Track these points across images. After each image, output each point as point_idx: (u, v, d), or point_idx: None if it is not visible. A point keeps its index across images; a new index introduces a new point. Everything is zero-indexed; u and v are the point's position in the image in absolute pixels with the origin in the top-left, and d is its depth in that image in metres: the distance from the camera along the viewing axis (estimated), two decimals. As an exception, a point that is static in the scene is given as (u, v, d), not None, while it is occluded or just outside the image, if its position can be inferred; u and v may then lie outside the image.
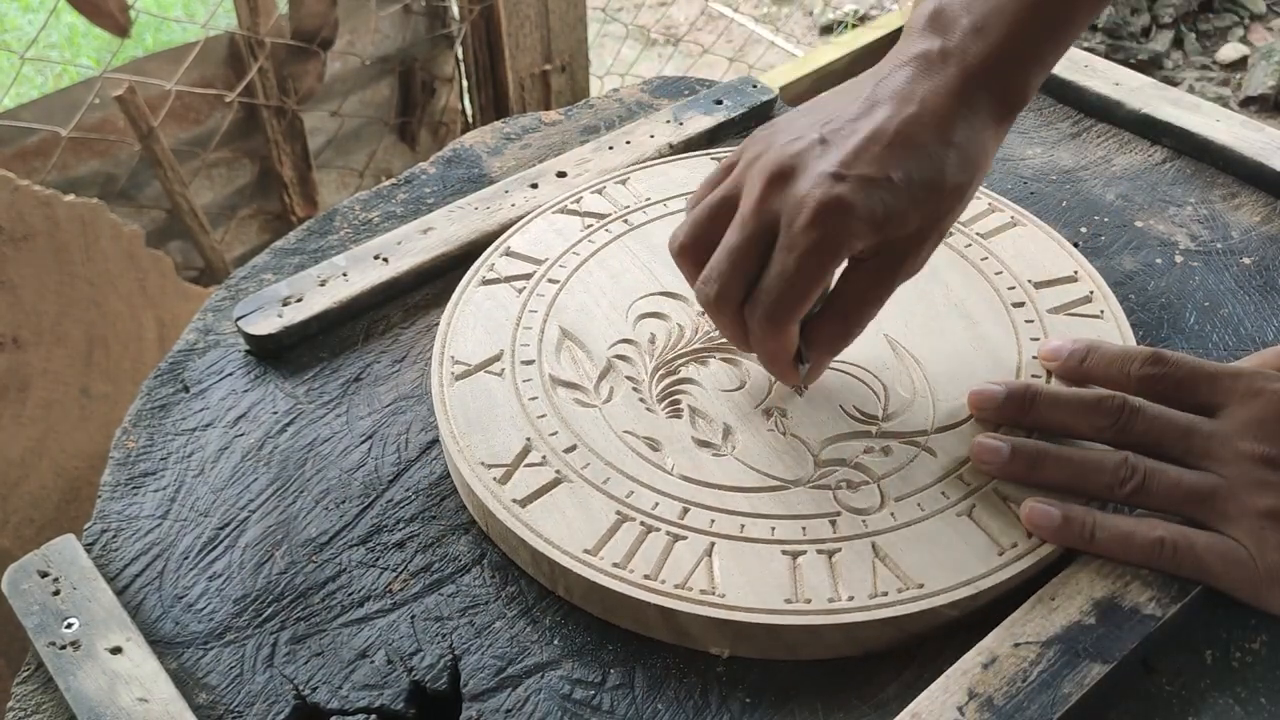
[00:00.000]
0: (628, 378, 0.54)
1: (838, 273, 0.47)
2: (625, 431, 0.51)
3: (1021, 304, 0.57)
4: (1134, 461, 0.47)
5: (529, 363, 0.55)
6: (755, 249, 0.46)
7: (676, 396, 0.53)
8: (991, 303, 0.57)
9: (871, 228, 0.44)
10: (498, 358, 0.55)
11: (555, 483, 0.49)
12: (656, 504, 0.48)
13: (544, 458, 0.50)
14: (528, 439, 0.51)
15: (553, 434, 0.51)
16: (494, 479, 0.49)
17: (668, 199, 0.65)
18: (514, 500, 0.49)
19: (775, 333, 0.46)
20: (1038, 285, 0.58)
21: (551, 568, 0.47)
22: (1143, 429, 0.47)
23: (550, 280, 0.59)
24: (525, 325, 0.57)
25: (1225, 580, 0.45)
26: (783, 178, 0.45)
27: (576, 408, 0.53)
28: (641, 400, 0.53)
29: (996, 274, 0.59)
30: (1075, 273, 0.59)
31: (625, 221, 0.63)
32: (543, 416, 0.52)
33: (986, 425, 0.51)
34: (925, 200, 0.45)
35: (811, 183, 0.44)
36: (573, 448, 0.51)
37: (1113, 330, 0.55)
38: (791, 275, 0.44)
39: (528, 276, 0.60)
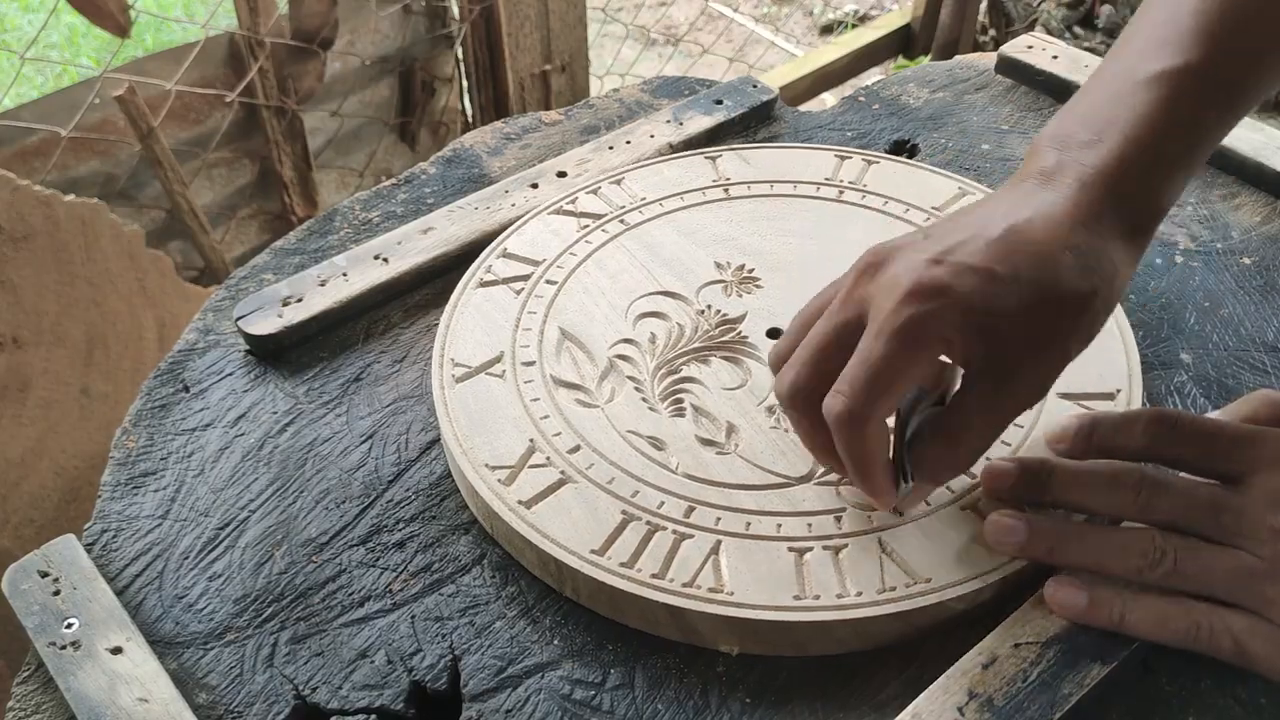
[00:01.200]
0: (629, 378, 0.54)
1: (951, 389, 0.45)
2: (629, 431, 0.52)
3: None
4: (1161, 543, 0.43)
5: (530, 364, 0.55)
6: (840, 337, 0.43)
7: (679, 395, 0.53)
8: None
9: (968, 316, 0.40)
10: (498, 359, 0.55)
11: (560, 483, 0.49)
12: (662, 503, 0.48)
13: (548, 459, 0.50)
14: (531, 440, 0.51)
15: (556, 435, 0.51)
16: (498, 481, 0.49)
17: (663, 198, 0.65)
18: (519, 502, 0.49)
19: (855, 429, 0.42)
20: None
21: (559, 568, 0.47)
22: (1167, 506, 0.44)
23: (548, 281, 0.59)
24: (524, 326, 0.57)
25: (1266, 664, 0.42)
26: (877, 266, 0.43)
27: (579, 408, 0.53)
28: (644, 400, 0.53)
29: None
30: None
31: (621, 221, 0.63)
32: (546, 417, 0.52)
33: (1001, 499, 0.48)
34: (1035, 304, 0.41)
35: (906, 266, 0.41)
36: (576, 448, 0.51)
37: (1111, 330, 0.55)
38: (875, 360, 0.41)
39: (525, 278, 0.60)
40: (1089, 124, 0.44)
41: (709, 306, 0.58)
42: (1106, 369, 0.53)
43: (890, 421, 0.44)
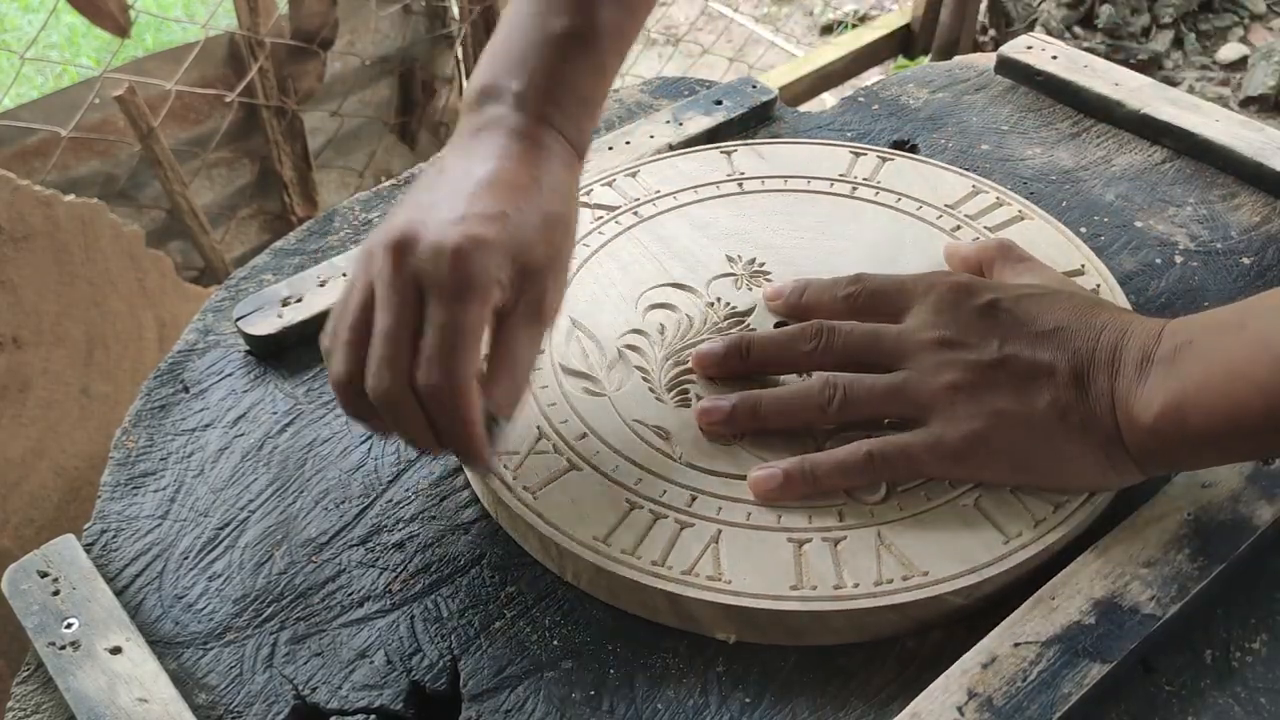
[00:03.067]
0: (637, 367, 0.54)
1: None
2: (634, 420, 0.52)
3: None
4: (833, 379, 0.50)
5: (539, 352, 0.55)
6: (411, 319, 0.44)
7: (685, 386, 0.53)
8: None
9: (508, 257, 0.44)
10: None
11: (565, 470, 0.50)
12: (665, 491, 0.49)
13: (554, 446, 0.51)
14: (538, 427, 0.52)
15: (563, 422, 0.52)
16: (505, 466, 0.50)
17: (677, 191, 0.65)
18: (525, 488, 0.49)
19: (457, 394, 0.43)
20: None
21: (560, 554, 0.47)
22: (840, 345, 0.51)
23: None
24: None
25: (935, 471, 0.48)
26: (407, 244, 0.44)
27: (586, 397, 0.53)
28: (651, 390, 0.53)
29: None
30: (1083, 266, 0.59)
31: (635, 214, 0.63)
32: (553, 405, 0.53)
33: (714, 386, 0.53)
34: (542, 228, 0.46)
35: (439, 232, 0.44)
36: (583, 436, 0.51)
37: None
38: (455, 323, 0.43)
39: None
40: (513, 75, 0.50)
41: (719, 299, 0.58)
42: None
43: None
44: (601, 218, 0.63)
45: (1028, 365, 0.47)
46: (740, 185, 0.66)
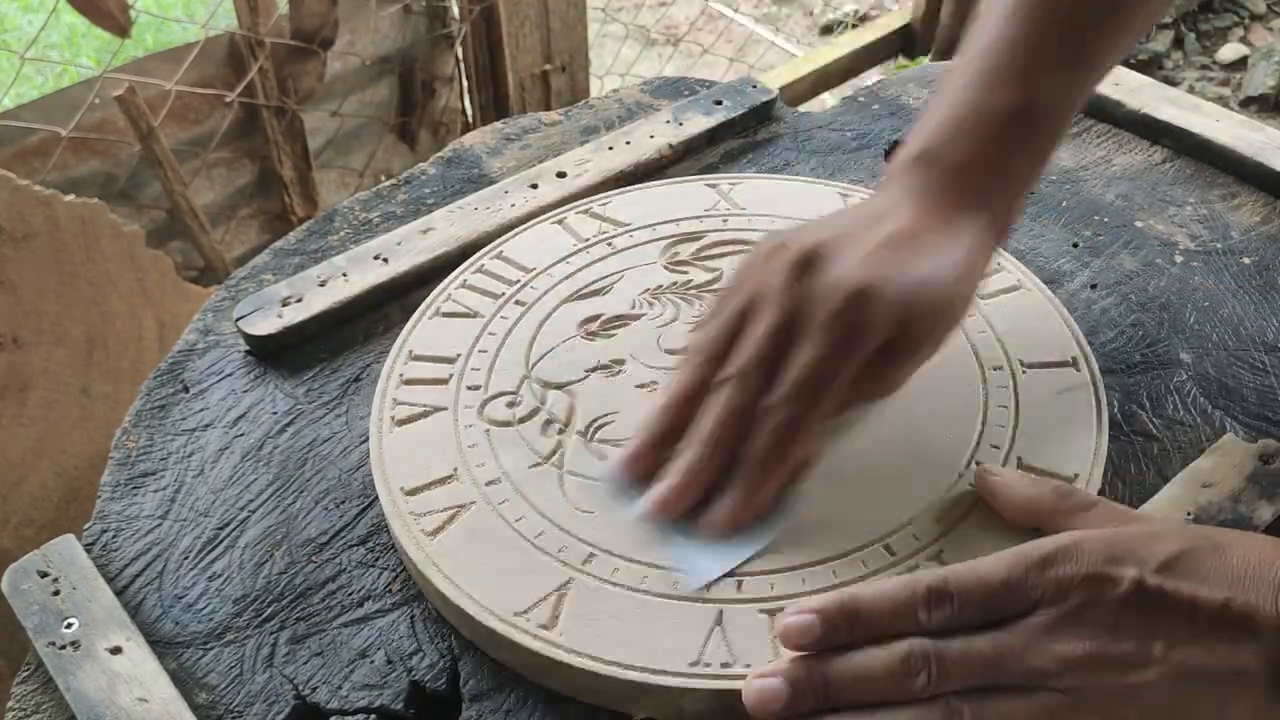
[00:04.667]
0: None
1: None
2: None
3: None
4: (957, 705, 0.37)
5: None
6: (784, 334, 0.45)
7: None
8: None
9: (898, 315, 0.44)
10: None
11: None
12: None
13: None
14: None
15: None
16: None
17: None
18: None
19: (797, 432, 0.44)
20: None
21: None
22: (958, 674, 0.38)
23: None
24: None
25: None
26: (810, 264, 0.45)
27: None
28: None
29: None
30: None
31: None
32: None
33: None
34: (936, 301, 0.46)
35: (843, 265, 0.45)
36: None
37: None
38: (822, 360, 0.44)
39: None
40: (947, 146, 0.49)
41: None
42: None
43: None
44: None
45: (1202, 673, 0.36)
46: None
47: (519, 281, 0.60)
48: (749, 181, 0.67)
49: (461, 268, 0.61)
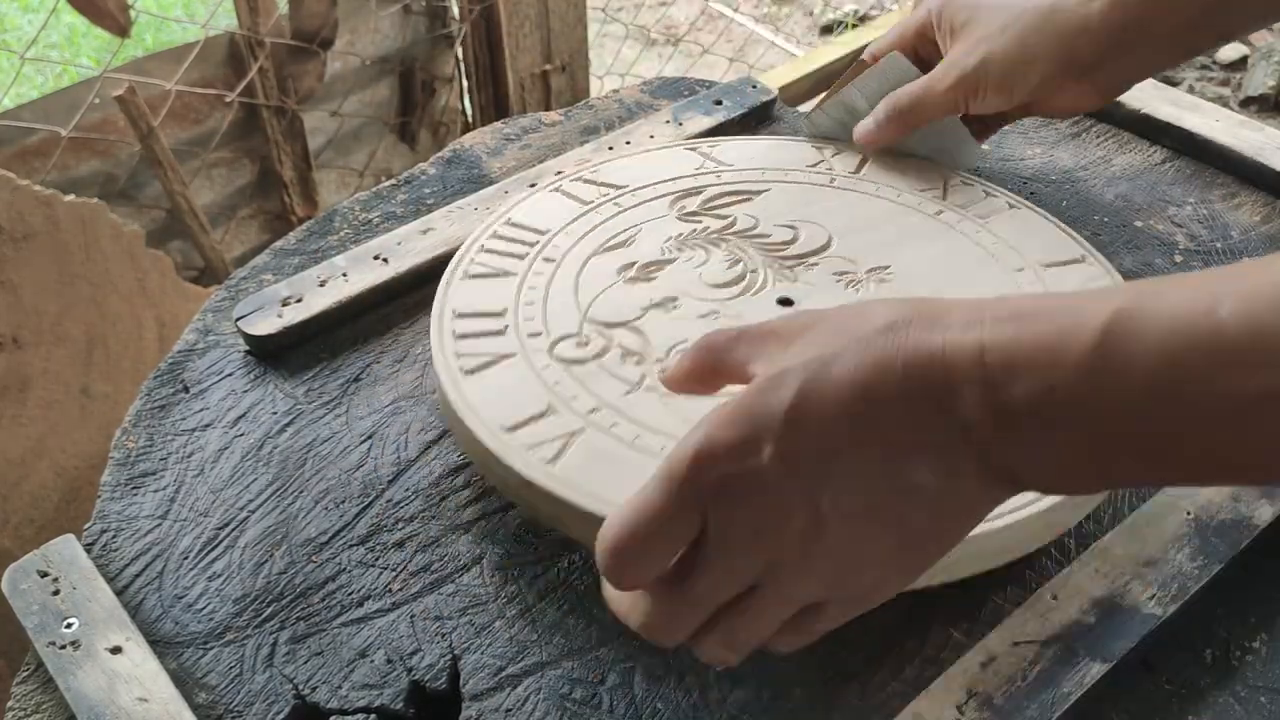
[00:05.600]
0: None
1: None
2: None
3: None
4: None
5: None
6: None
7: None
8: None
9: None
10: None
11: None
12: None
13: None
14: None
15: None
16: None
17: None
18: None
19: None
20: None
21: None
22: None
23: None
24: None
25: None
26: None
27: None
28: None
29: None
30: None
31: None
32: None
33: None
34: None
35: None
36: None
37: None
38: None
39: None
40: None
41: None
42: None
43: None
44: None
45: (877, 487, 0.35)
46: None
47: (538, 242, 0.60)
48: (725, 143, 0.69)
49: (474, 235, 0.61)
